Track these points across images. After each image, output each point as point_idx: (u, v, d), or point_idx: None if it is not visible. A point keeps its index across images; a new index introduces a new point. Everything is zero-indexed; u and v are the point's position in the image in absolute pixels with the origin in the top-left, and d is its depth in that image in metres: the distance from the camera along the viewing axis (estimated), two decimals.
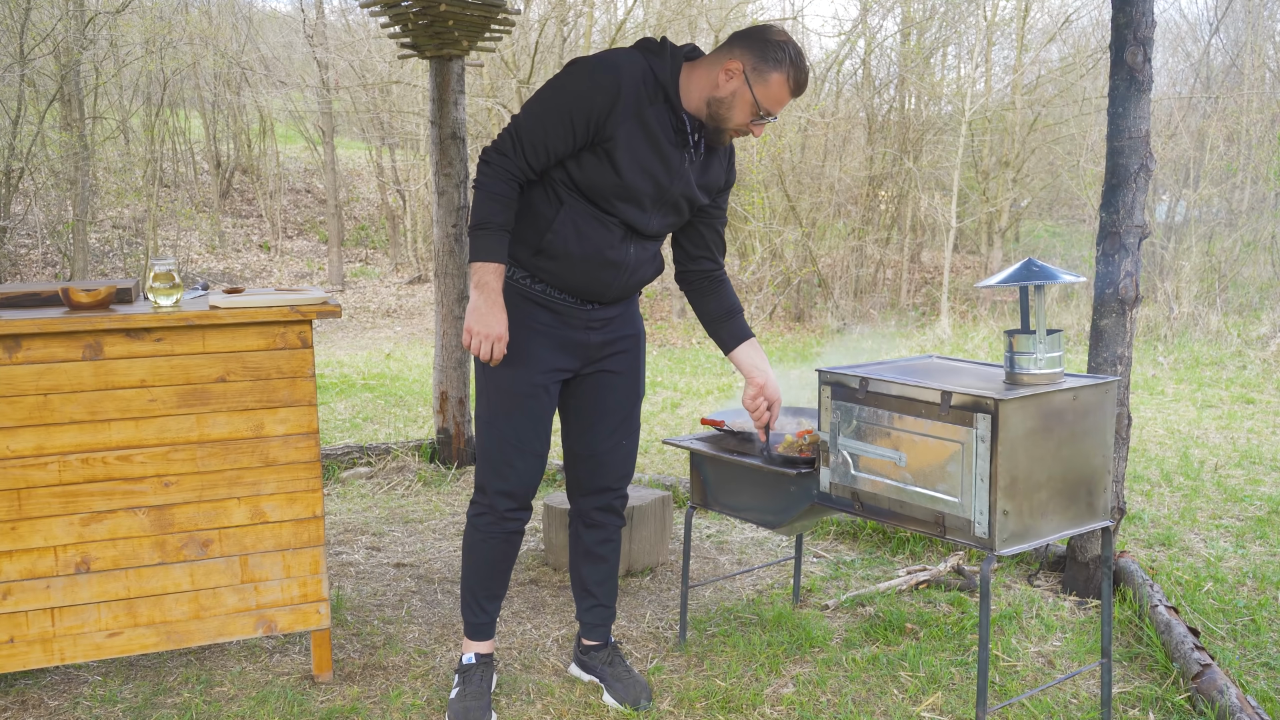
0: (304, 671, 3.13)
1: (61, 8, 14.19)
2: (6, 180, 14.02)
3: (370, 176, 22.61)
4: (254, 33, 20.62)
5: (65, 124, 14.49)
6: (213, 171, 20.59)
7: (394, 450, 5.78)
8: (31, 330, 2.67)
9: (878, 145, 15.71)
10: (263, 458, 2.92)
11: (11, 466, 2.72)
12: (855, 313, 14.90)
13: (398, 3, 5.23)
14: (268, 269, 18.55)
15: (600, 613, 3.08)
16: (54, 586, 2.79)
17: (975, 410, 2.44)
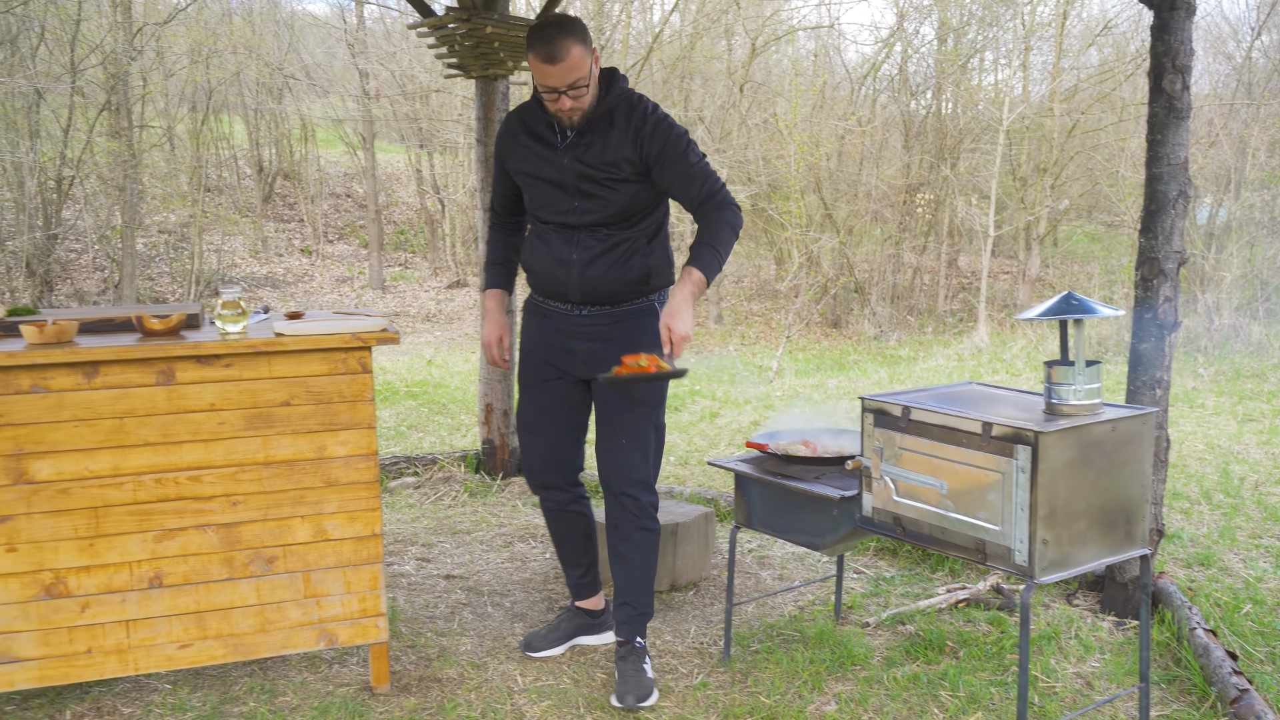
0: (362, 683, 3.25)
1: (110, 19, 14.49)
2: (58, 188, 14.34)
3: (408, 181, 22.87)
4: (295, 41, 20.90)
5: (114, 132, 14.79)
6: (255, 177, 20.91)
7: (440, 460, 5.91)
8: (109, 357, 2.81)
9: (914, 152, 15.70)
10: (325, 478, 3.05)
11: (90, 486, 2.86)
12: (892, 319, 14.92)
13: (444, 25, 5.35)
14: (309, 273, 18.83)
15: (623, 610, 3.27)
16: (129, 600, 2.93)
17: (1016, 441, 2.52)
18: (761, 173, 15.74)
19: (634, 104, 3.08)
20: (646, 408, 3.19)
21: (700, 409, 8.49)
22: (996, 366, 10.18)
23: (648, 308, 3.20)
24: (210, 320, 3.32)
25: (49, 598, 2.87)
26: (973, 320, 15.42)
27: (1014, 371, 9.74)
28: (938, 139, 15.71)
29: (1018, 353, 11.03)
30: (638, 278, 3.13)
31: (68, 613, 2.89)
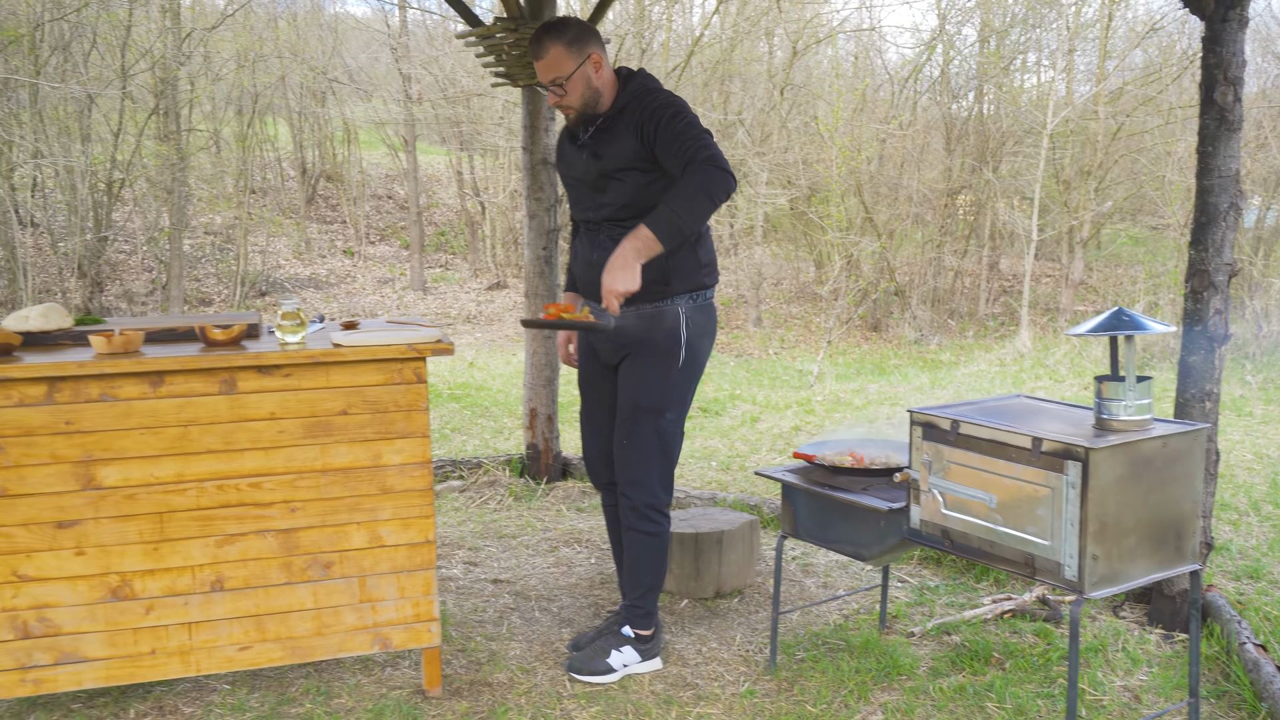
0: (415, 686, 3.31)
1: (159, 24, 14.73)
2: (108, 190, 14.60)
3: (449, 182, 23.05)
4: (339, 44, 21.14)
5: (162, 136, 15.04)
6: (298, 179, 21.16)
7: (485, 464, 5.99)
8: (174, 367, 2.89)
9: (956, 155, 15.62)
10: (380, 485, 3.11)
11: (155, 492, 2.94)
12: (932, 323, 14.84)
13: (492, 34, 5.41)
14: (351, 274, 19.03)
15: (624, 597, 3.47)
16: (191, 603, 3.01)
17: (1066, 457, 2.53)
18: (801, 176, 15.72)
19: (640, 96, 3.16)
20: (649, 414, 3.27)
21: (741, 414, 8.52)
22: (1039, 373, 10.12)
23: (670, 310, 3.23)
24: (269, 329, 3.40)
25: (115, 600, 2.95)
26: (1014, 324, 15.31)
27: (1057, 378, 9.68)
28: (979, 142, 15.61)
29: (1061, 359, 10.95)
30: (655, 277, 3.16)
31: (133, 615, 2.97)
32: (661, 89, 3.22)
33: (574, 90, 3.18)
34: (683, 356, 3.26)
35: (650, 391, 3.25)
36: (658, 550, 3.37)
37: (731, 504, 5.26)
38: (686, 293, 3.24)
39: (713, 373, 11.46)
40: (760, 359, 13.09)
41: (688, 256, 3.22)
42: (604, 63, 3.21)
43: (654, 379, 3.24)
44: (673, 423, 3.31)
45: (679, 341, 3.24)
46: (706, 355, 3.38)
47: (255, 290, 17.00)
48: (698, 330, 3.28)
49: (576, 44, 3.16)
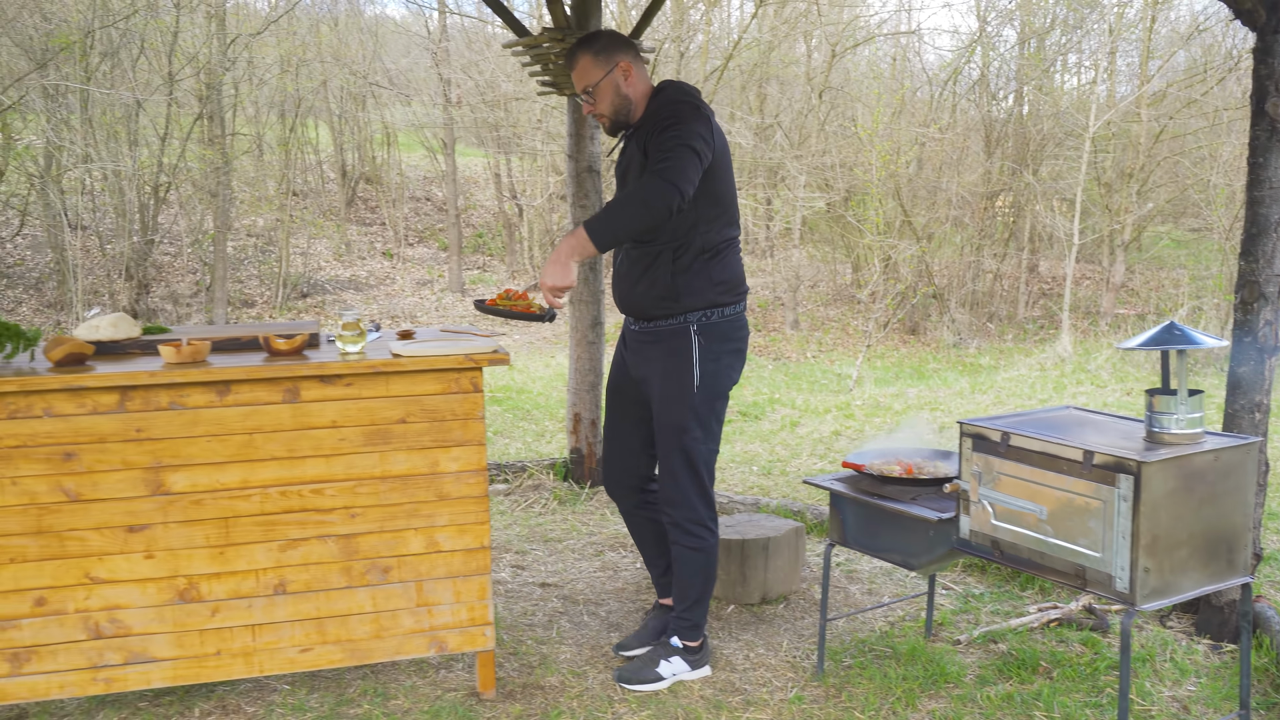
0: (469, 688, 3.38)
1: (205, 30, 14.96)
2: (154, 194, 14.84)
3: (486, 184, 23.21)
4: (379, 47, 21.34)
5: (208, 140, 15.27)
6: (339, 181, 21.38)
7: (530, 468, 6.06)
8: (240, 377, 2.97)
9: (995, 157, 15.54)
10: (437, 492, 3.19)
11: (221, 498, 3.03)
12: (971, 326, 14.78)
13: (539, 44, 5.48)
14: (391, 276, 19.21)
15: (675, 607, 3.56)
16: (255, 606, 3.10)
17: (1118, 470, 2.56)
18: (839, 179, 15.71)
19: (660, 108, 3.20)
20: (673, 431, 3.32)
21: (780, 418, 8.54)
22: (1081, 378, 10.07)
23: (681, 329, 3.26)
24: (328, 338, 3.48)
25: (182, 602, 3.05)
26: (1054, 328, 15.21)
27: (1099, 383, 9.62)
28: (1019, 144, 15.52)
29: (1103, 363, 10.89)
30: (665, 293, 3.23)
31: (199, 617, 3.06)
32: (683, 100, 3.20)
33: (603, 97, 3.26)
34: (698, 375, 3.27)
35: (670, 410, 3.31)
36: (703, 564, 3.42)
37: (774, 510, 5.30)
38: (699, 310, 3.26)
39: (751, 376, 11.49)
40: (798, 362, 13.10)
41: (699, 273, 3.23)
42: (634, 71, 3.26)
43: (672, 398, 3.30)
44: (699, 440, 3.32)
45: (691, 360, 3.26)
46: (731, 373, 3.36)
47: (297, 292, 17.20)
48: (713, 349, 3.27)
49: (604, 53, 3.25)
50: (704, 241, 3.23)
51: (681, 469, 3.34)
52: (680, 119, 3.09)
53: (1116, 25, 15.15)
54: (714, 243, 3.25)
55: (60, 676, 3.00)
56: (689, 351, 3.25)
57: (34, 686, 2.99)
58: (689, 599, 3.45)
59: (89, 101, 13.50)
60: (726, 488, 6.12)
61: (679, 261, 3.22)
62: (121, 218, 14.73)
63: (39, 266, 15.67)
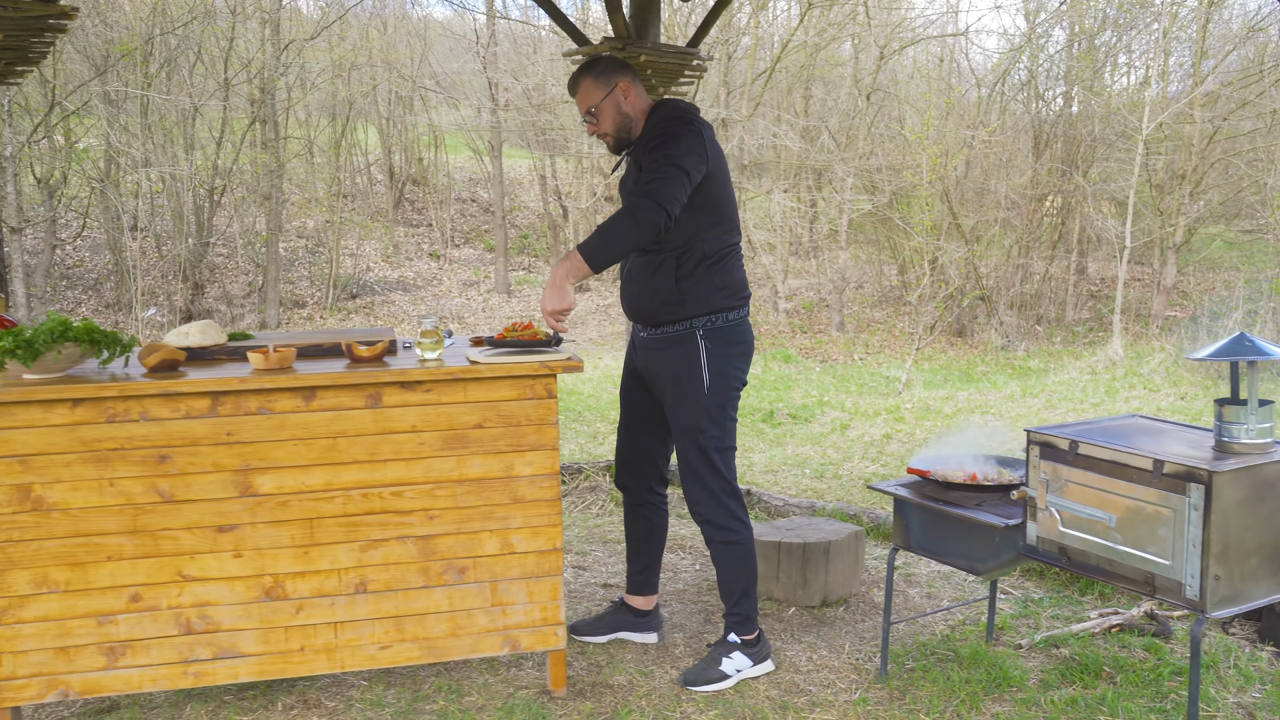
0: (540, 686, 3.47)
1: (259, 36, 15.22)
2: (209, 197, 15.11)
3: (530, 185, 23.39)
4: (426, 50, 21.57)
5: (261, 143, 15.52)
6: (386, 183, 21.64)
7: (586, 470, 6.15)
8: (326, 383, 3.08)
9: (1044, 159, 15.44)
10: (512, 495, 3.28)
11: (306, 499, 3.14)
12: (1019, 329, 14.70)
13: (598, 53, 5.57)
14: (438, 277, 19.42)
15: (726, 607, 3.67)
16: (337, 604, 3.21)
17: (1189, 479, 2.59)
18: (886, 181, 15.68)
19: (656, 125, 3.36)
20: (689, 434, 3.44)
21: (830, 420, 8.58)
22: (1133, 382, 10.00)
23: (688, 334, 3.39)
24: (405, 344, 3.58)
25: (269, 600, 3.16)
26: (1102, 329, 15.10)
27: (1152, 388, 9.56)
28: (1068, 146, 15.41)
29: (1155, 367, 10.80)
30: (668, 299, 3.36)
31: (284, 614, 3.18)
32: (676, 116, 3.34)
33: (605, 117, 3.42)
34: (707, 378, 3.38)
35: (685, 414, 3.43)
36: (741, 557, 3.53)
37: (831, 513, 5.35)
38: (704, 315, 3.37)
39: (799, 378, 11.52)
40: (845, 364, 13.10)
41: (703, 280, 3.35)
42: (633, 91, 3.43)
43: (685, 401, 3.42)
44: (716, 439, 3.43)
45: (699, 364, 3.38)
46: (739, 373, 3.47)
47: (346, 293, 17.44)
48: (720, 352, 3.39)
49: (604, 75, 3.41)
50: (706, 248, 3.36)
51: (704, 469, 3.46)
52: (673, 137, 3.24)
53: (1169, 25, 14.99)
54: (716, 249, 3.38)
55: (153, 670, 3.13)
56: (697, 356, 3.39)
57: (128, 679, 3.12)
58: (735, 593, 3.56)
59: (148, 107, 13.79)
60: (780, 490, 6.17)
61: (682, 268, 3.35)
62: (178, 220, 15.03)
63: (97, 268, 16.02)
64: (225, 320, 15.32)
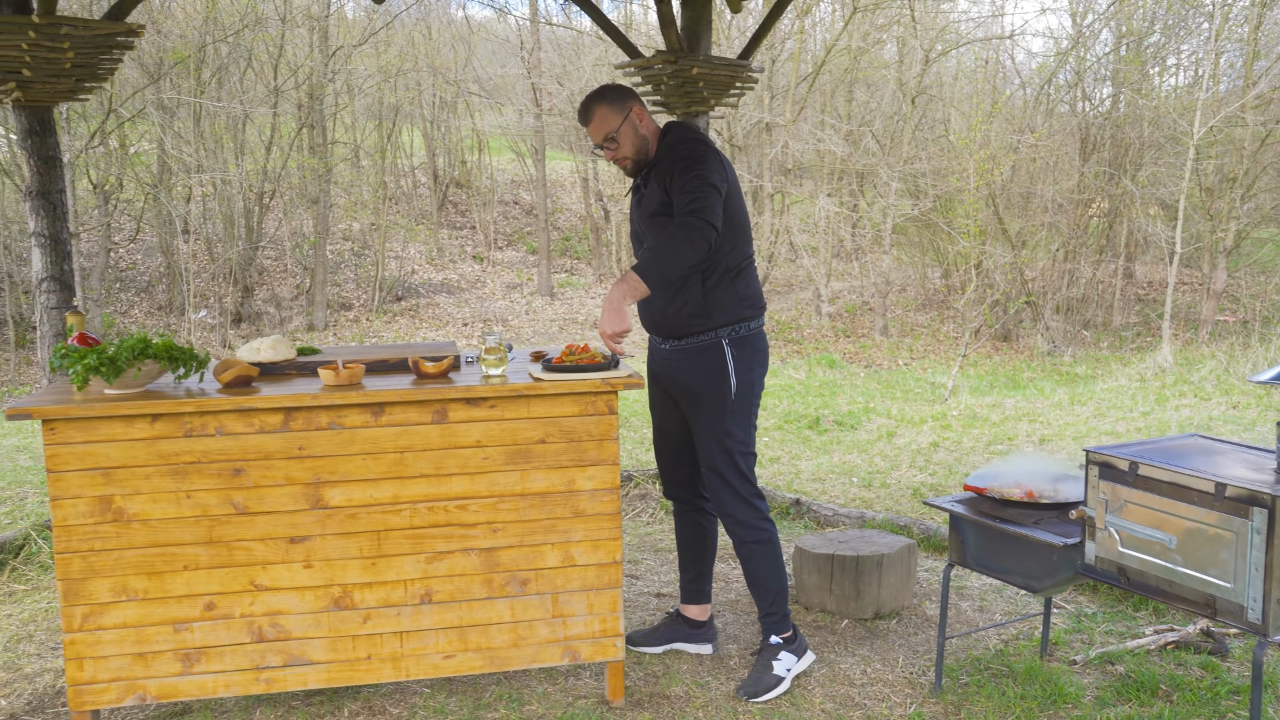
0: (598, 696, 3.54)
1: (308, 42, 15.43)
2: (259, 201, 15.34)
3: (572, 187, 23.50)
4: (470, 54, 21.73)
5: (309, 148, 15.73)
6: (430, 185, 21.83)
7: (635, 478, 6.21)
8: (394, 399, 3.16)
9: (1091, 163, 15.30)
10: (573, 509, 3.35)
11: (374, 512, 3.22)
12: (1065, 334, 14.58)
13: (651, 66, 5.63)
14: (481, 279, 19.57)
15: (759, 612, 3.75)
16: (403, 614, 3.29)
17: (1251, 503, 2.61)
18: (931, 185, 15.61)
19: (672, 148, 3.48)
20: (717, 439, 3.55)
21: (876, 428, 8.58)
22: (1183, 390, 9.91)
23: (713, 344, 3.51)
24: (467, 359, 3.66)
25: (337, 609, 3.25)
26: (1150, 335, 14.95)
27: (1203, 396, 9.46)
28: (1115, 149, 15.26)
29: (1206, 375, 10.69)
30: (696, 311, 3.48)
31: (352, 623, 3.26)
32: (693, 139, 3.49)
33: (625, 141, 3.52)
34: (734, 385, 3.51)
35: (712, 420, 3.54)
36: (770, 555, 3.64)
37: (880, 524, 5.37)
38: (728, 325, 3.51)
39: (844, 384, 11.51)
40: (890, 370, 13.07)
41: (726, 291, 3.49)
42: (645, 115, 3.56)
43: (712, 409, 3.54)
44: (741, 443, 3.56)
45: (727, 372, 3.51)
46: (761, 379, 3.63)
47: (391, 295, 17.63)
48: (744, 360, 3.53)
49: (618, 102, 3.51)
50: (728, 262, 3.50)
51: (731, 473, 3.56)
52: (697, 159, 3.38)
53: (1220, 26, 14.80)
54: (736, 262, 3.53)
55: (226, 676, 3.23)
56: (724, 364, 3.51)
57: (202, 685, 3.22)
58: (769, 593, 3.66)
59: (200, 113, 14.04)
60: (828, 499, 6.20)
61: (708, 281, 3.47)
62: (228, 224, 15.27)
63: (150, 271, 16.32)
64: (274, 322, 15.55)
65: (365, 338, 15.47)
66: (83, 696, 3.15)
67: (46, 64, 4.61)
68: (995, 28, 18.83)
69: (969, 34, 16.64)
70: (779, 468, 7.21)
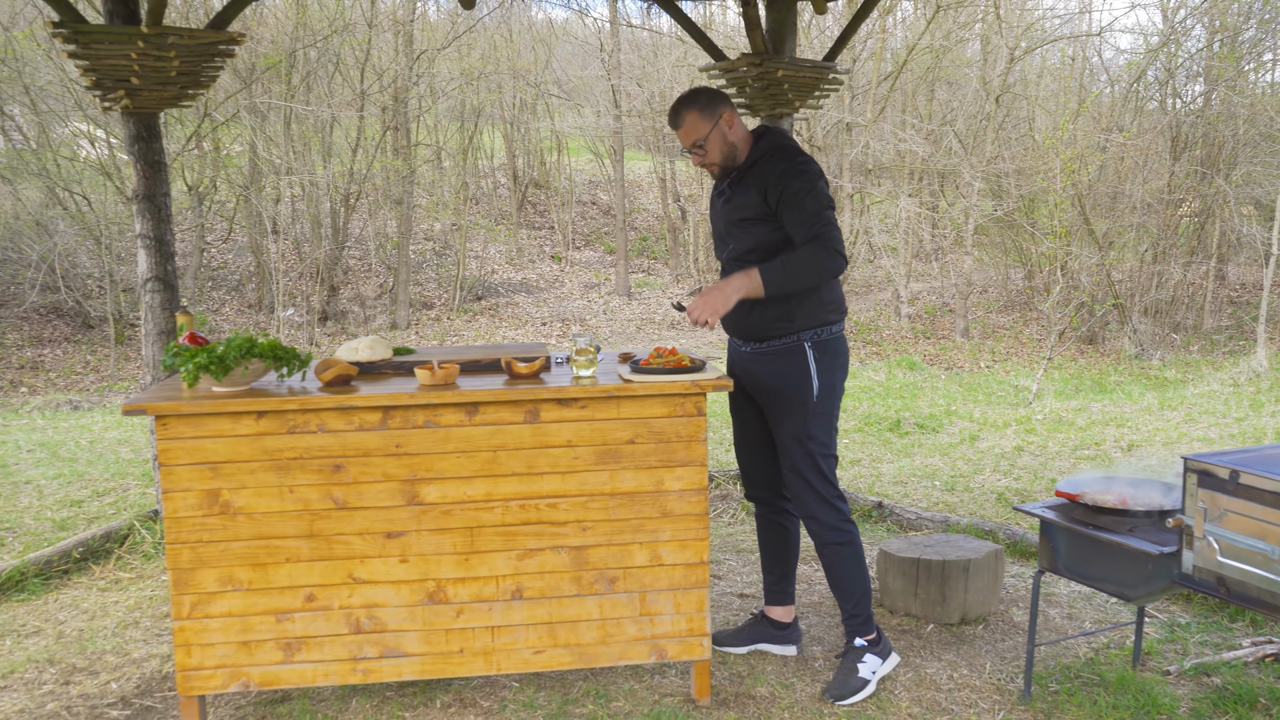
0: (683, 694, 3.57)
1: (393, 46, 15.71)
2: (345, 202, 15.68)
3: (650, 187, 23.58)
4: (550, 56, 21.93)
5: (394, 150, 16.02)
6: (510, 186, 22.08)
7: (716, 478, 6.23)
8: (488, 399, 3.24)
9: (1182, 162, 14.91)
10: (661, 509, 3.39)
11: (468, 509, 3.30)
12: (1154, 337, 14.23)
13: (736, 69, 5.65)
14: (559, 279, 19.74)
15: (842, 614, 3.75)
16: (494, 609, 3.36)
17: None
18: (1014, 186, 15.36)
19: (769, 155, 3.51)
20: (799, 441, 3.56)
21: (959, 431, 8.48)
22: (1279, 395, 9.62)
23: (795, 346, 3.53)
24: (557, 360, 3.72)
25: (431, 603, 3.33)
26: (1244, 338, 14.52)
27: None
28: (1208, 148, 14.85)
29: None
30: (780, 315, 3.51)
31: (446, 617, 3.34)
32: (789, 148, 3.53)
33: (713, 148, 3.54)
34: (816, 387, 3.53)
35: (794, 423, 3.55)
36: (853, 557, 3.65)
37: (965, 529, 5.33)
38: (811, 329, 3.53)
39: (925, 386, 11.40)
40: (971, 372, 12.89)
41: (811, 295, 3.52)
42: (735, 120, 3.58)
43: (795, 411, 3.55)
44: (823, 445, 3.59)
45: (810, 375, 3.53)
46: (842, 382, 3.65)
47: (472, 295, 17.87)
48: (826, 363, 3.55)
49: (709, 108, 3.52)
50: None
51: (813, 475, 3.58)
52: (808, 178, 3.42)
53: None
54: None
55: (325, 666, 3.33)
56: (806, 367, 3.53)
57: (302, 674, 3.32)
58: (854, 595, 3.66)
59: (290, 117, 14.40)
60: (911, 503, 6.16)
61: None
62: (315, 225, 15.63)
63: (240, 270, 16.77)
64: (359, 321, 15.87)
65: (446, 337, 15.71)
66: (190, 682, 3.28)
67: (153, 72, 4.79)
68: (1082, 24, 18.45)
69: (1055, 31, 16.33)
70: (860, 470, 7.17)
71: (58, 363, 13.39)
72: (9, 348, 13.44)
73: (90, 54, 4.67)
